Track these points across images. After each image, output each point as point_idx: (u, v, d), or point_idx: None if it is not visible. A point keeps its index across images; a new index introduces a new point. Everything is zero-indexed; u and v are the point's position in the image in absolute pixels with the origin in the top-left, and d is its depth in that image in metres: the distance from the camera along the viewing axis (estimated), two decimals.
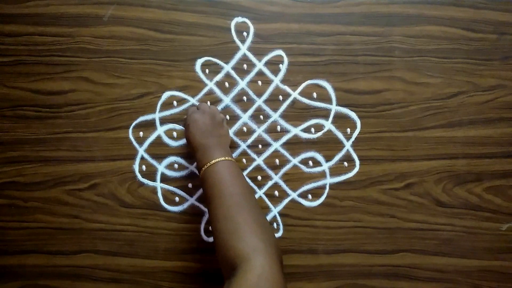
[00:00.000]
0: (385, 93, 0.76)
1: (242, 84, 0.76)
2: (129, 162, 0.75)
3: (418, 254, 0.75)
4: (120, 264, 0.75)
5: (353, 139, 0.76)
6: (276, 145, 0.76)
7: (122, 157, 0.75)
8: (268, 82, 0.76)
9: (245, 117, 0.76)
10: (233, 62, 0.75)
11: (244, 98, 0.76)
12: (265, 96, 0.76)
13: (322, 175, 0.76)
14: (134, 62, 0.75)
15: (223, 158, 0.61)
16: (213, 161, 0.61)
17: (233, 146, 0.76)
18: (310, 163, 0.76)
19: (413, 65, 0.75)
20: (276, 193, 0.76)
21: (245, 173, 0.76)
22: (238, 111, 0.76)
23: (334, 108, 0.76)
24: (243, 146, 0.76)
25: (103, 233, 0.75)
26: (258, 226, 0.54)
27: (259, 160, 0.76)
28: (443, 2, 0.76)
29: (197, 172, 0.75)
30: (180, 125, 0.76)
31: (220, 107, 0.75)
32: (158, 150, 0.75)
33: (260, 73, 0.76)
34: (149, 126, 0.75)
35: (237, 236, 0.52)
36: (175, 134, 0.76)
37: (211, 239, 0.75)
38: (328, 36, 0.75)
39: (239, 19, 0.75)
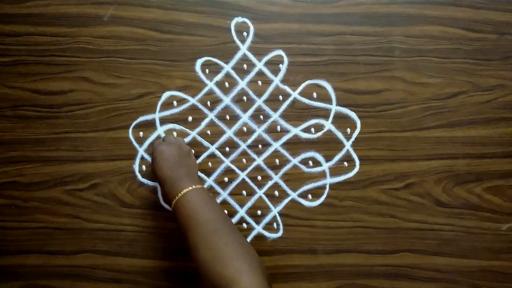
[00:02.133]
0: (385, 93, 0.76)
1: (242, 84, 0.76)
2: (129, 162, 0.75)
3: (418, 254, 0.75)
4: (120, 264, 0.75)
5: (353, 139, 0.76)
6: (276, 145, 0.76)
7: (122, 157, 0.75)
8: (268, 82, 0.76)
9: (245, 117, 0.76)
10: (233, 62, 0.75)
11: (244, 98, 0.76)
12: (265, 96, 0.76)
13: (322, 175, 0.76)
14: (134, 62, 0.75)
15: (193, 187, 0.60)
16: (184, 191, 0.60)
17: (233, 146, 0.76)
18: (310, 163, 0.76)
19: (413, 65, 0.75)
20: (276, 193, 0.76)
21: (245, 173, 0.76)
22: (238, 111, 0.76)
23: (334, 108, 0.76)
24: (243, 146, 0.76)
25: (103, 233, 0.75)
26: (240, 248, 0.53)
27: (259, 160, 0.76)
28: (443, 2, 0.76)
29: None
30: (180, 125, 0.76)
31: (220, 107, 0.76)
32: None
33: (260, 73, 0.76)
34: (149, 126, 0.75)
35: (221, 262, 0.51)
36: (175, 134, 0.76)
37: None
38: (328, 36, 0.75)
39: (239, 19, 0.75)
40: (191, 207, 0.58)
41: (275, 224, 0.76)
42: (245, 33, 0.75)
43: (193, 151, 0.73)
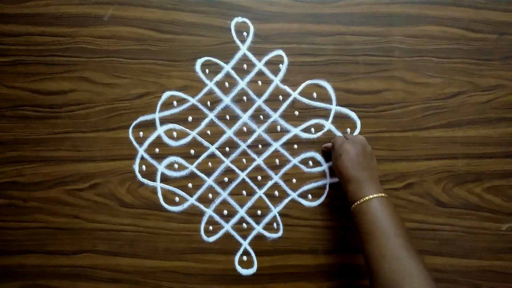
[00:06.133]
0: (385, 93, 0.76)
1: (242, 84, 0.76)
2: (129, 162, 0.75)
3: None
4: (120, 264, 0.75)
5: None
6: (276, 145, 0.76)
7: (122, 157, 0.75)
8: (268, 82, 0.76)
9: (245, 117, 0.76)
10: (233, 62, 0.75)
11: (244, 98, 0.76)
12: (265, 96, 0.76)
13: (322, 175, 0.76)
14: (134, 62, 0.75)
15: (380, 195, 0.61)
16: (371, 197, 0.60)
17: (233, 146, 0.76)
18: (310, 163, 0.76)
19: (413, 65, 0.75)
20: (276, 193, 0.76)
21: (245, 173, 0.76)
22: (238, 111, 0.76)
23: (334, 108, 0.76)
24: (243, 146, 0.76)
25: (103, 233, 0.75)
26: (425, 267, 0.54)
27: (259, 160, 0.76)
28: (443, 2, 0.76)
29: (198, 173, 0.75)
30: (180, 125, 0.76)
31: (220, 107, 0.76)
32: (158, 150, 0.75)
33: (260, 73, 0.76)
34: (149, 126, 0.75)
35: (413, 277, 0.52)
36: (175, 134, 0.76)
37: (211, 239, 0.75)
38: (328, 36, 0.75)
39: (239, 19, 0.75)
40: (379, 215, 0.59)
41: (275, 224, 0.76)
42: (245, 33, 0.75)
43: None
